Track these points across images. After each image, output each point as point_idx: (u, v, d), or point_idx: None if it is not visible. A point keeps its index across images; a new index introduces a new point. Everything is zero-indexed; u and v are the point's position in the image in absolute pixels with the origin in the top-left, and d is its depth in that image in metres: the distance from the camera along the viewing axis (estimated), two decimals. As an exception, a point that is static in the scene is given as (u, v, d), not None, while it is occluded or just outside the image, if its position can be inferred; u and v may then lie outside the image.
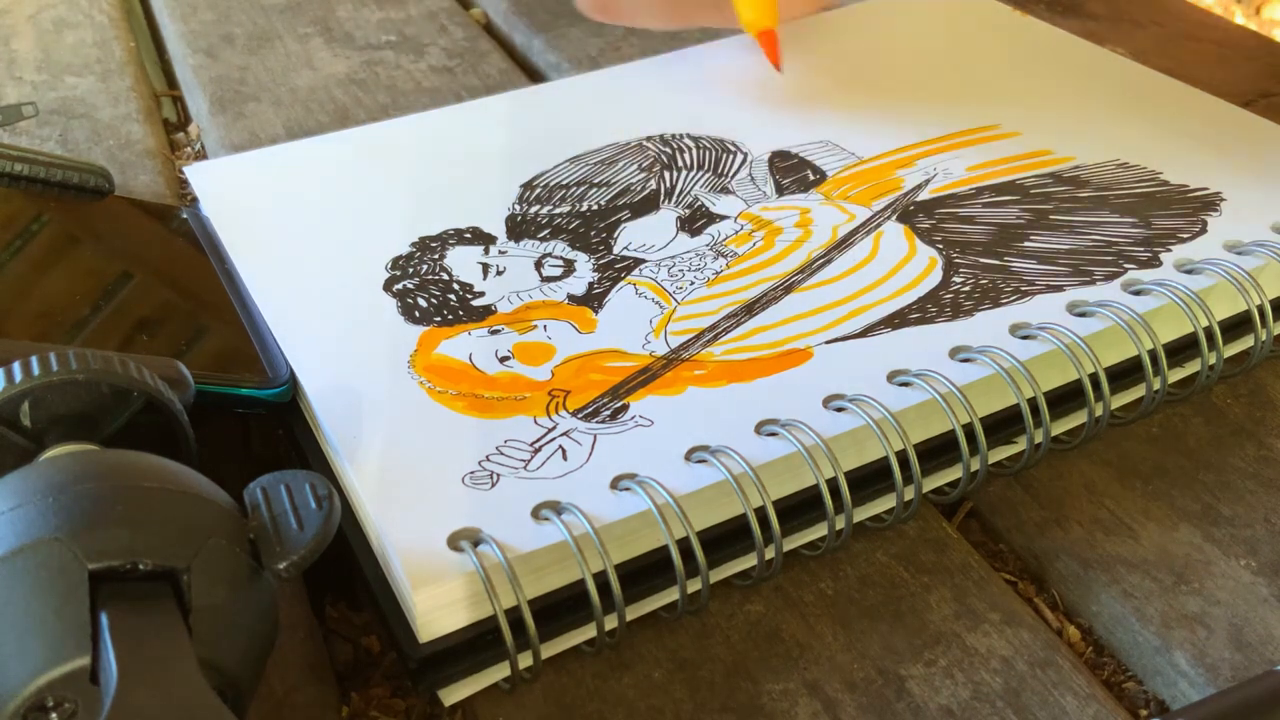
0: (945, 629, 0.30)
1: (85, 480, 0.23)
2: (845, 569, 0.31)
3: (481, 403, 0.33)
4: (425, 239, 0.40)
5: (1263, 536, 0.32)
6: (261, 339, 0.35)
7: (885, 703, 0.28)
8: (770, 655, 0.29)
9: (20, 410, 0.26)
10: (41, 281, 0.36)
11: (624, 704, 0.28)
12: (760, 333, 0.35)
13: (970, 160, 0.43)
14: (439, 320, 0.36)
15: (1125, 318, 0.34)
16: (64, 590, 0.22)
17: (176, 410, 0.28)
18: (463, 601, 0.27)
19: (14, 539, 0.22)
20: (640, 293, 0.37)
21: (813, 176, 0.42)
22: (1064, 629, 0.31)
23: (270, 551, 0.24)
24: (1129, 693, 0.29)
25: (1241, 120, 0.45)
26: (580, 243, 0.39)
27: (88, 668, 0.21)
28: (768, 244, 0.39)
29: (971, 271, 0.37)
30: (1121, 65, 0.49)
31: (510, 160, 0.44)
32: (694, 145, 0.44)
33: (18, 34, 0.60)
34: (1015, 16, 0.53)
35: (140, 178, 0.48)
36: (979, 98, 0.47)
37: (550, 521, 0.28)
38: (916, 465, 0.31)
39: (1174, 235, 0.38)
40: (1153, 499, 0.33)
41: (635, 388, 0.33)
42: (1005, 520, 0.33)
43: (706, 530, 0.30)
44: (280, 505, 0.25)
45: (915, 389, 0.32)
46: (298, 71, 0.56)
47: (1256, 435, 0.35)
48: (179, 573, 0.23)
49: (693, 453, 0.30)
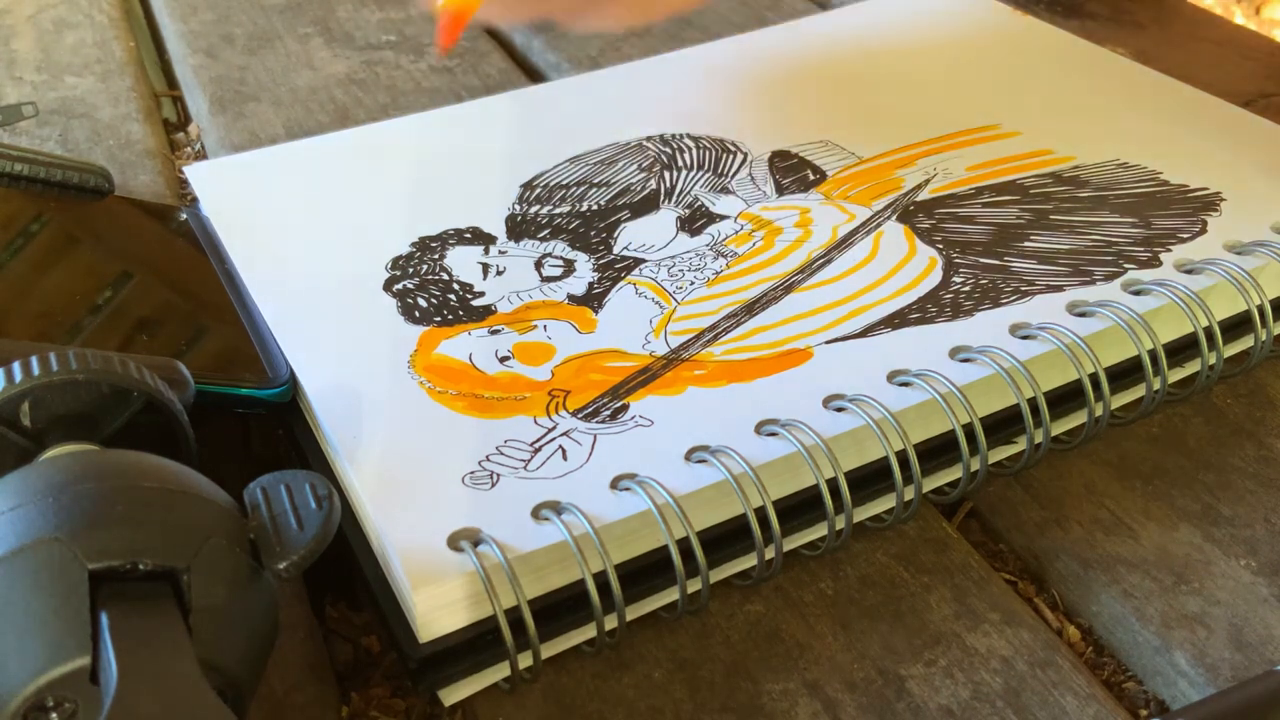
0: (945, 629, 0.30)
1: (85, 480, 0.23)
2: (845, 569, 0.31)
3: (481, 403, 0.33)
4: (425, 239, 0.40)
5: (1263, 536, 0.32)
6: (261, 339, 0.35)
7: (885, 703, 0.28)
8: (770, 655, 0.29)
9: (20, 410, 0.26)
10: (41, 281, 0.36)
11: (624, 704, 0.28)
12: (760, 333, 0.35)
13: (970, 160, 0.43)
14: (439, 320, 0.36)
15: (1125, 318, 0.34)
16: (64, 590, 0.22)
17: (176, 410, 0.28)
18: (462, 601, 0.27)
19: (14, 539, 0.22)
20: (640, 293, 0.37)
21: (813, 176, 0.42)
22: (1064, 629, 0.31)
23: (270, 551, 0.24)
24: (1129, 693, 0.29)
25: (1241, 120, 0.45)
26: (580, 243, 0.39)
27: (88, 668, 0.21)
28: (768, 244, 0.39)
29: (971, 271, 0.37)
30: (1121, 65, 0.49)
31: (510, 160, 0.44)
32: (694, 145, 0.44)
33: (18, 34, 0.60)
34: (1015, 16, 0.53)
35: (140, 178, 0.48)
36: (979, 98, 0.47)
37: (550, 521, 0.28)
38: (916, 465, 0.31)
39: (1174, 235, 0.38)
40: (1153, 499, 0.33)
41: (635, 388, 0.33)
42: (1005, 520, 0.33)
43: (706, 530, 0.30)
44: (280, 505, 0.25)
45: (915, 389, 0.32)
46: (298, 71, 0.56)
47: (1256, 435, 0.35)
48: (179, 573, 0.23)
49: (693, 453, 0.30)
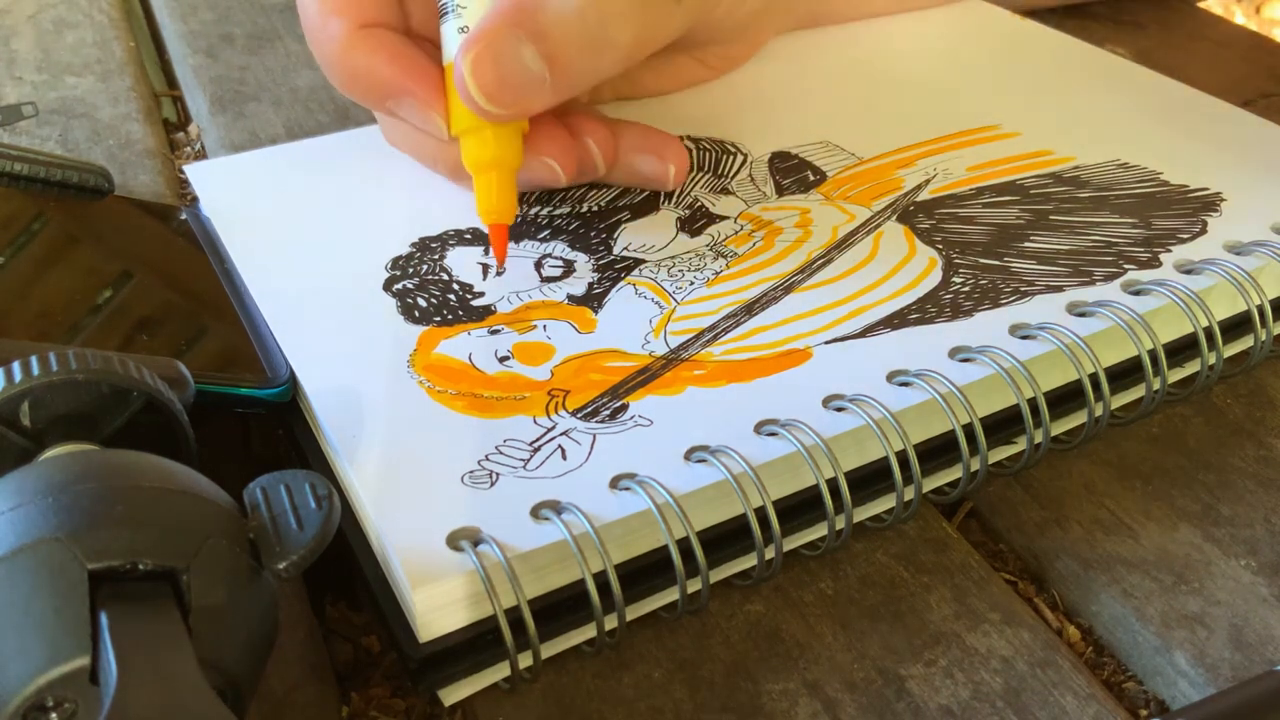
0: (945, 629, 0.30)
1: (85, 480, 0.23)
2: (845, 569, 0.31)
3: (481, 402, 0.33)
4: (425, 239, 0.40)
5: (1263, 536, 0.32)
6: (261, 339, 0.35)
7: (885, 703, 0.28)
8: (770, 655, 0.29)
9: (20, 410, 0.26)
10: (41, 281, 0.36)
11: (624, 704, 0.28)
12: (760, 333, 0.35)
13: (970, 160, 0.43)
14: (438, 320, 0.36)
15: (1125, 318, 0.34)
16: (64, 590, 0.21)
17: (176, 410, 0.28)
18: (462, 601, 0.27)
19: (14, 539, 0.22)
20: (640, 293, 0.37)
21: (813, 177, 0.42)
22: (1064, 629, 0.31)
23: (270, 551, 0.24)
24: (1129, 693, 0.29)
25: (1241, 120, 0.45)
26: (580, 243, 0.39)
27: (87, 668, 0.21)
28: (767, 244, 0.39)
29: (971, 272, 0.37)
30: (1121, 66, 0.49)
31: None
32: (694, 146, 0.44)
33: (18, 34, 0.60)
34: (1014, 20, 0.53)
35: (140, 178, 0.48)
36: (979, 98, 0.47)
37: (550, 521, 0.28)
38: (916, 465, 0.31)
39: (1174, 236, 0.38)
40: (1153, 499, 0.33)
41: (635, 387, 0.33)
42: (1005, 520, 0.33)
43: (706, 530, 0.30)
44: (280, 505, 0.25)
45: (915, 389, 0.32)
46: (298, 71, 0.56)
47: (1256, 435, 0.35)
48: (179, 573, 0.23)
49: (692, 452, 0.30)
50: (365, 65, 0.37)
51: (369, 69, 0.37)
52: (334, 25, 0.37)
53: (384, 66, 0.37)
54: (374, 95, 0.38)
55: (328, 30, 0.38)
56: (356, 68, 0.37)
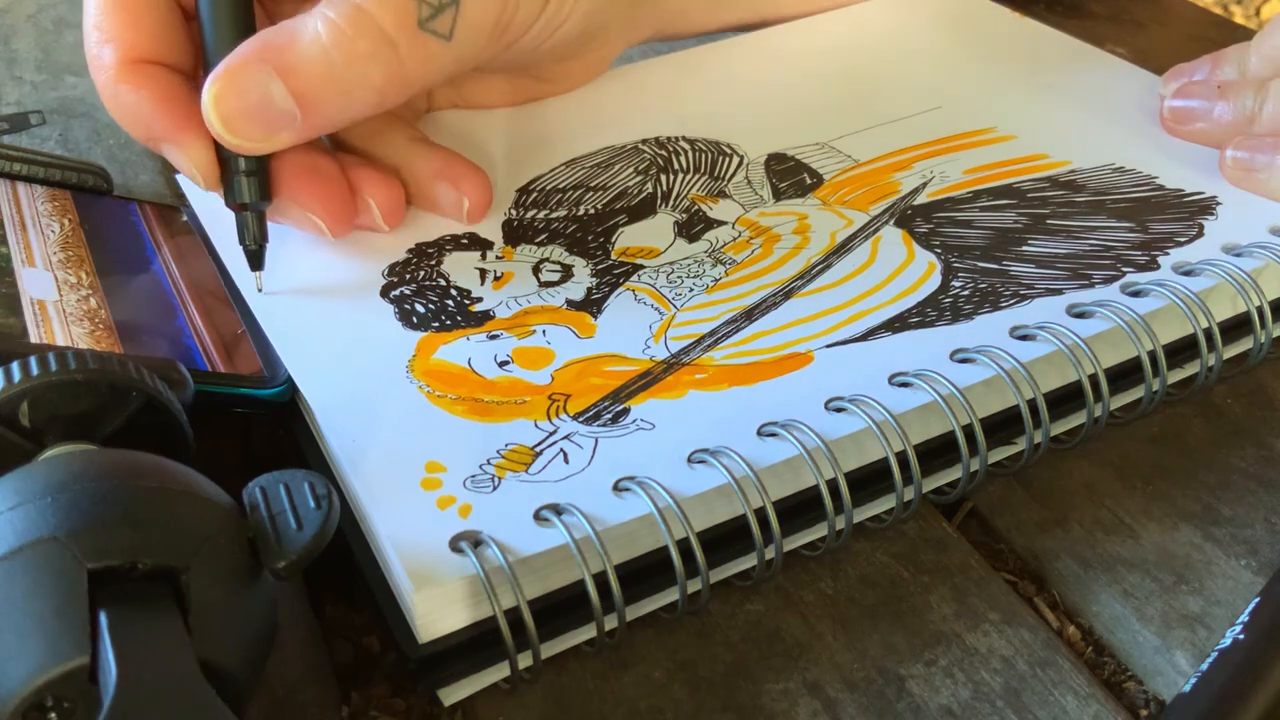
0: (945, 629, 0.30)
1: (84, 480, 0.23)
2: (845, 569, 0.31)
3: (481, 406, 0.33)
4: (422, 245, 0.39)
5: (1263, 536, 0.32)
6: (260, 339, 0.35)
7: (885, 703, 0.28)
8: (770, 655, 0.29)
9: (19, 410, 0.26)
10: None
11: (624, 704, 0.28)
12: (760, 338, 0.35)
13: (967, 163, 0.43)
14: (437, 325, 0.36)
15: (1125, 318, 0.34)
16: (63, 590, 0.21)
17: (176, 410, 0.28)
18: (463, 602, 0.27)
19: (13, 539, 0.22)
20: (639, 298, 0.37)
21: (810, 180, 0.42)
22: (1064, 629, 0.31)
23: (269, 551, 0.24)
24: (1129, 692, 0.29)
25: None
26: (578, 247, 0.39)
27: (87, 667, 0.21)
28: (766, 251, 0.39)
29: (970, 276, 0.37)
30: (1119, 67, 0.49)
31: (506, 164, 0.44)
32: (689, 148, 0.44)
33: (18, 34, 0.60)
34: (1012, 18, 0.53)
35: (140, 178, 0.48)
36: (975, 100, 0.47)
37: (551, 524, 0.28)
38: (916, 466, 0.31)
39: (1171, 239, 0.38)
40: (1153, 499, 0.33)
41: (636, 391, 0.33)
42: (1005, 520, 0.33)
43: (707, 530, 0.30)
44: (279, 505, 0.25)
45: (915, 390, 0.32)
46: (296, 76, 0.56)
47: (1256, 435, 0.35)
48: (178, 572, 0.22)
49: (694, 455, 0.30)
50: (130, 103, 0.36)
51: (134, 107, 0.36)
52: (106, 54, 0.36)
53: (146, 106, 0.36)
54: (139, 134, 0.37)
55: (101, 59, 0.36)
56: (123, 104, 0.36)
